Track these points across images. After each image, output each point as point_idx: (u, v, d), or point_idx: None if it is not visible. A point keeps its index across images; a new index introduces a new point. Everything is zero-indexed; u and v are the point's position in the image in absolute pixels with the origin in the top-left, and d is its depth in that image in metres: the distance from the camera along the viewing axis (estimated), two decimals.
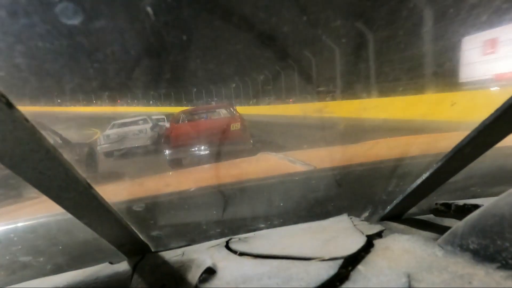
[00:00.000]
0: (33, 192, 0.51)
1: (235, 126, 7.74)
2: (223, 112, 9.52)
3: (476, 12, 10.70)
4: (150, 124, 11.95)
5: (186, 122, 8.80)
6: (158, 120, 14.04)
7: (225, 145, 7.35)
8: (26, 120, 0.39)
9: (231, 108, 9.24)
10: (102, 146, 10.84)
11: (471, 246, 0.52)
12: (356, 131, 9.23)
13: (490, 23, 10.18)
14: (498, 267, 0.47)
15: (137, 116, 12.89)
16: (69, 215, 0.53)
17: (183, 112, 9.51)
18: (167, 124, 14.83)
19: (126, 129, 11.59)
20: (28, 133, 0.40)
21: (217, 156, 6.77)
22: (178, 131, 8.04)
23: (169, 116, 15.68)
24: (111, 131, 11.47)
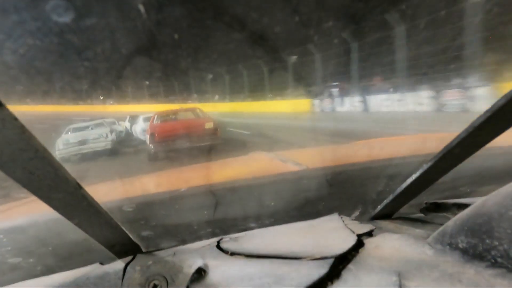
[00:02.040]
0: (22, 192, 0.50)
1: (209, 125, 9.30)
2: (194, 113, 10.84)
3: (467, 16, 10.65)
4: (108, 128, 11.82)
5: (168, 121, 10.11)
6: (110, 123, 13.71)
7: (201, 141, 8.76)
8: (15, 119, 0.39)
9: (199, 110, 10.78)
10: (61, 151, 10.44)
11: (460, 245, 0.52)
12: None
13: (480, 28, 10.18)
14: (488, 266, 0.47)
15: (94, 120, 12.61)
16: (58, 216, 0.52)
17: (161, 113, 10.79)
18: (120, 127, 14.55)
19: (84, 133, 11.22)
20: (17, 132, 0.40)
21: (196, 151, 8.17)
22: (162, 128, 9.42)
23: (124, 118, 15.57)
24: (69, 136, 11.02)
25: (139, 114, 13.92)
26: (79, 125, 11.89)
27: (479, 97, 10.02)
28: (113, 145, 11.18)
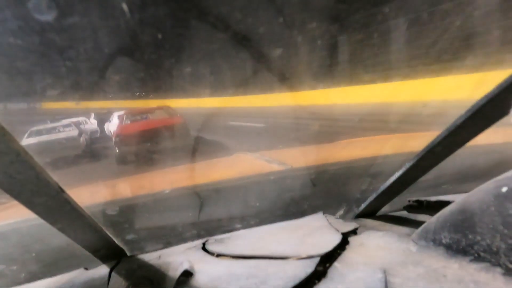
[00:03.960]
0: (3, 197, 0.49)
1: (178, 124, 8.78)
2: (162, 112, 10.10)
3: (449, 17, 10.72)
4: (77, 130, 10.44)
5: (135, 122, 9.42)
6: (79, 123, 12.24)
7: (171, 141, 8.31)
8: None
9: (170, 109, 10.02)
10: None
11: (444, 241, 0.53)
12: None
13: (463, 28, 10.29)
14: (471, 260, 0.48)
15: (60, 121, 11.25)
16: (41, 221, 0.51)
17: (126, 113, 9.81)
18: (92, 126, 13.11)
19: (49, 137, 9.72)
20: None
21: (166, 152, 7.56)
22: (127, 130, 8.79)
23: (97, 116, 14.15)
24: (31, 141, 9.28)
25: (113, 111, 12.57)
26: (43, 127, 10.45)
27: None
28: (83, 150, 9.94)
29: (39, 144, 9.30)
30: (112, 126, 11.42)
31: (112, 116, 12.20)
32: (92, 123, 13.91)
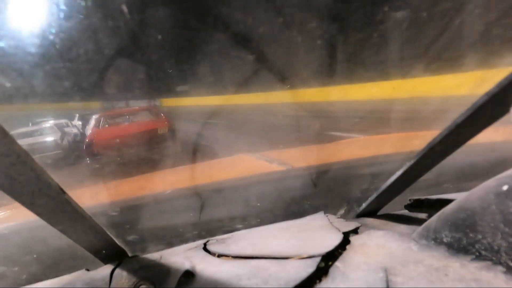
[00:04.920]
0: (4, 198, 0.49)
1: (163, 129, 7.50)
2: (148, 114, 8.74)
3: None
4: (60, 133, 9.83)
5: (110, 126, 8.17)
6: (62, 125, 11.50)
7: (153, 150, 7.10)
8: None
9: (156, 110, 8.74)
10: None
11: (445, 240, 0.53)
12: None
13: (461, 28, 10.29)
14: (473, 259, 0.48)
15: (41, 124, 10.70)
16: (42, 222, 0.51)
17: (104, 115, 8.50)
18: (73, 129, 11.89)
19: (30, 140, 9.11)
20: None
21: (145, 163, 6.39)
22: (101, 136, 7.57)
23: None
24: None
25: (92, 113, 11.79)
26: (23, 130, 9.88)
27: None
28: (65, 153, 9.33)
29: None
30: (89, 129, 10.13)
31: (91, 119, 11.20)
32: (75, 125, 12.88)
